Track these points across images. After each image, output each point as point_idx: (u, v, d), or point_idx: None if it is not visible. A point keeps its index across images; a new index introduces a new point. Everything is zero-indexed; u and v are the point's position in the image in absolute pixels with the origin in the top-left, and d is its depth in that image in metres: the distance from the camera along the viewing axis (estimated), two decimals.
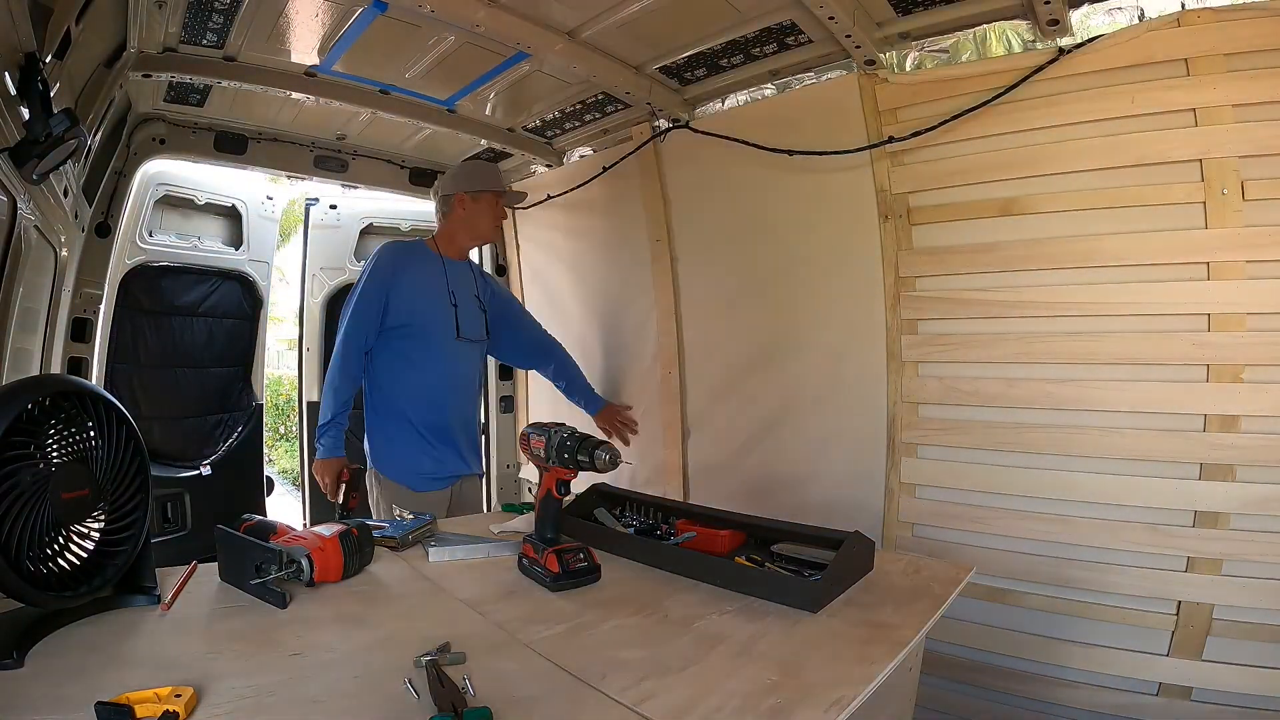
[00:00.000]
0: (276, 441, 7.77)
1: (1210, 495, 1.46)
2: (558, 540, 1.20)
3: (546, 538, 1.19)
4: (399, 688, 0.76)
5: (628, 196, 2.52)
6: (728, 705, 0.75)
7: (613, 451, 1.14)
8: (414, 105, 2.39)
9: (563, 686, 0.80)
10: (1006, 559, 1.69)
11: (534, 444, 1.25)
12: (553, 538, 1.20)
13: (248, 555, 1.03)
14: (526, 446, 1.28)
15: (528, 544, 1.22)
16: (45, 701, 0.69)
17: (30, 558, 0.80)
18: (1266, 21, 1.35)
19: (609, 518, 1.48)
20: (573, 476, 1.21)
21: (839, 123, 1.90)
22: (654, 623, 1.01)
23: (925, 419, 1.85)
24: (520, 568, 1.22)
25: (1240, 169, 1.40)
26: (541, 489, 1.23)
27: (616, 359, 2.71)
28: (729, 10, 1.75)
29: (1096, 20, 1.54)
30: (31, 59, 1.23)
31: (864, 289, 1.93)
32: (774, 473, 2.19)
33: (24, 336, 1.84)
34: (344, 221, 3.61)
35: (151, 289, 3.04)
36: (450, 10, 1.72)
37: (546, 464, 1.22)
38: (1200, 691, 1.48)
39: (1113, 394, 1.57)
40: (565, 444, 1.17)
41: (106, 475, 0.91)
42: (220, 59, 2.03)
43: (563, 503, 1.24)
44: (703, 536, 1.31)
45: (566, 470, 1.19)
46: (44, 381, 0.86)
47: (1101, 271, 1.58)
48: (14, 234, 1.50)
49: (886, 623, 0.99)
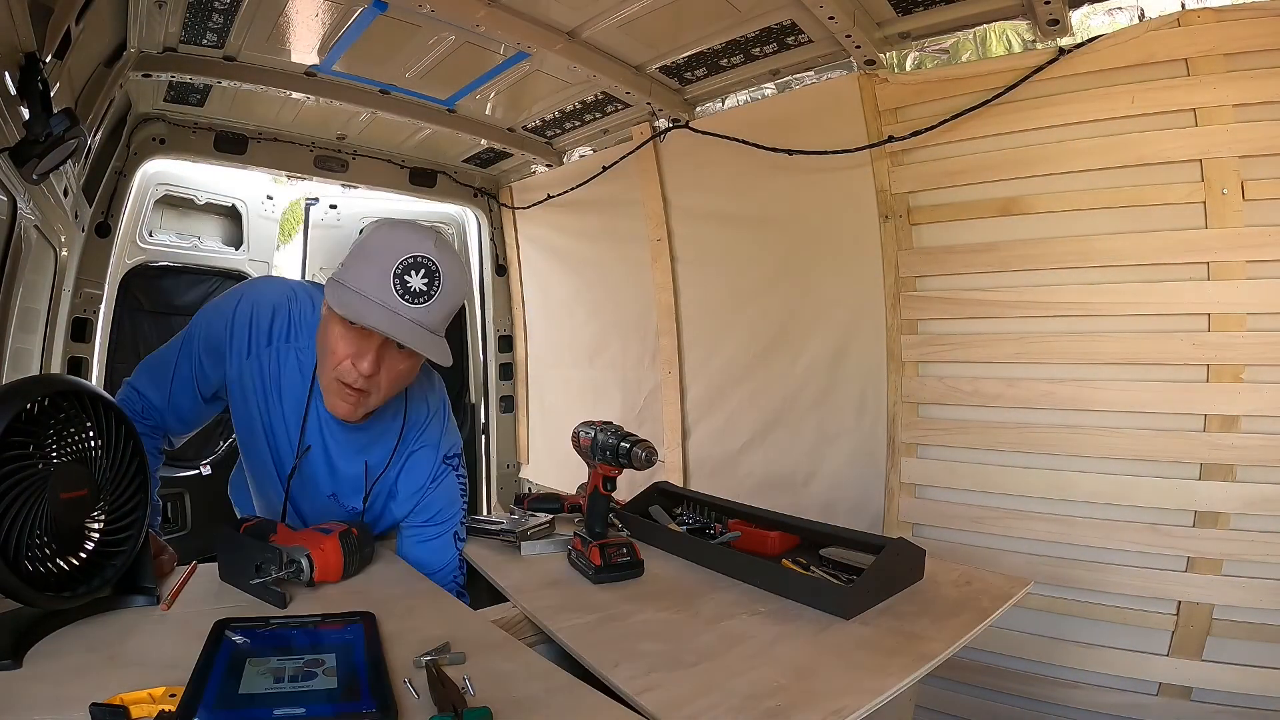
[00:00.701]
0: None
1: (1210, 495, 1.46)
2: (605, 534, 1.24)
3: (595, 531, 1.24)
4: (399, 688, 0.76)
5: (628, 196, 2.52)
6: (725, 704, 0.75)
7: (649, 449, 1.18)
8: (414, 105, 2.40)
9: (564, 686, 0.79)
10: (1006, 559, 1.69)
11: (583, 442, 1.29)
12: (600, 532, 1.24)
13: (248, 555, 1.03)
14: (577, 444, 1.32)
15: (577, 537, 1.26)
16: (44, 702, 0.69)
17: (29, 558, 0.80)
18: (1266, 21, 1.35)
19: (663, 515, 1.48)
20: (618, 473, 1.25)
21: (839, 123, 1.90)
22: (684, 619, 1.00)
23: (925, 419, 1.85)
24: (569, 559, 1.27)
25: (1240, 169, 1.40)
26: (589, 485, 1.28)
27: (616, 359, 2.71)
28: (729, 10, 1.75)
29: (1096, 20, 1.54)
30: (31, 59, 1.23)
31: (864, 289, 1.93)
32: (774, 472, 2.19)
33: (24, 336, 1.84)
34: (344, 221, 3.61)
35: (151, 289, 3.03)
36: (450, 10, 1.72)
37: (594, 461, 1.27)
38: (1200, 691, 1.48)
39: (1112, 394, 1.57)
40: (608, 442, 1.22)
41: (105, 475, 0.91)
42: (220, 59, 2.03)
43: (610, 499, 1.28)
44: (752, 537, 1.31)
45: (610, 467, 1.23)
46: (43, 381, 0.86)
47: (1101, 271, 1.58)
48: (14, 234, 1.49)
49: (920, 634, 0.95)
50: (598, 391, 2.83)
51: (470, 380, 3.66)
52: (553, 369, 3.27)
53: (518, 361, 3.47)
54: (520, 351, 3.46)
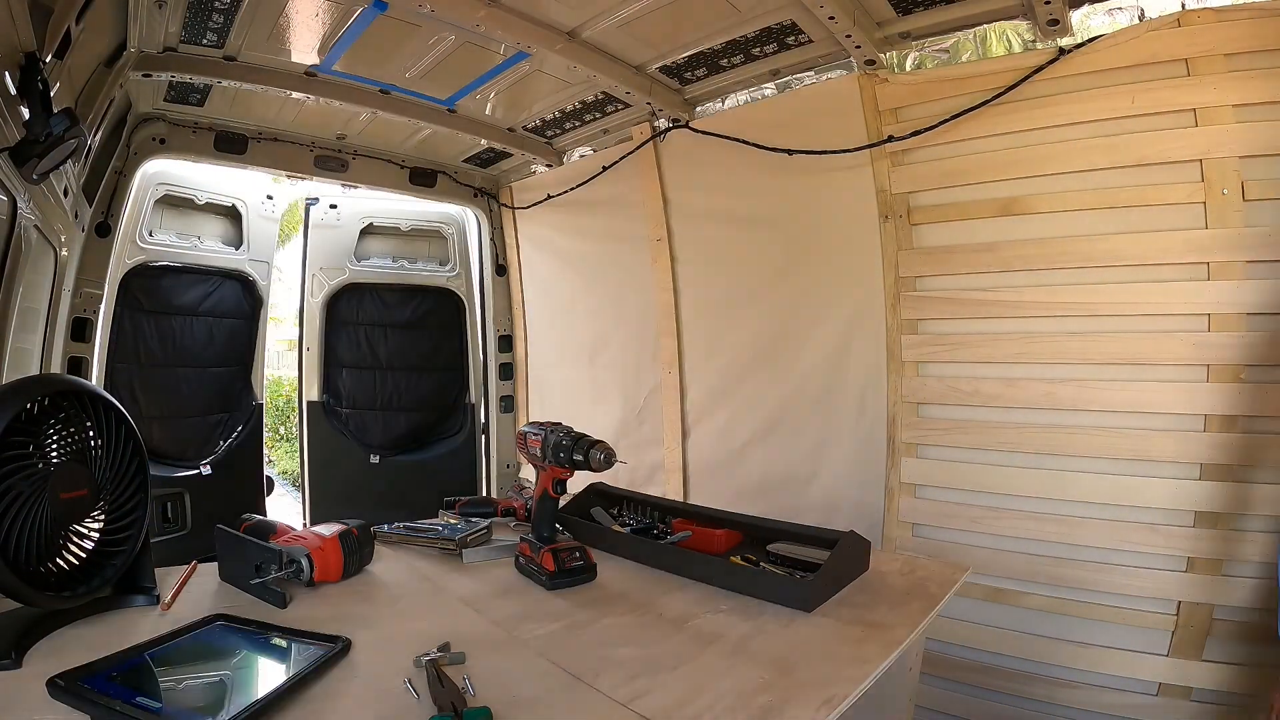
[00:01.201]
0: (276, 442, 7.77)
1: (1210, 495, 1.46)
2: (554, 539, 1.20)
3: (543, 536, 1.20)
4: (399, 688, 0.76)
5: (628, 196, 2.52)
6: (719, 703, 0.75)
7: (607, 451, 1.14)
8: (414, 105, 2.40)
9: (563, 686, 0.80)
10: (1006, 559, 1.69)
11: (530, 443, 1.24)
12: (549, 536, 1.20)
13: (248, 555, 1.03)
14: (524, 446, 1.27)
15: (524, 543, 1.22)
16: (44, 702, 0.69)
17: (29, 558, 0.80)
18: (1266, 21, 1.35)
19: (605, 517, 1.48)
20: (569, 476, 1.20)
21: (839, 123, 1.90)
22: (649, 621, 1.01)
23: (925, 419, 1.85)
24: (517, 566, 1.23)
25: (1240, 169, 1.40)
26: (538, 488, 1.23)
27: (616, 359, 2.71)
28: (729, 10, 1.75)
29: (1096, 20, 1.54)
30: (32, 59, 1.23)
31: (864, 289, 1.93)
32: (774, 472, 2.19)
33: (24, 336, 1.83)
34: (344, 221, 3.61)
35: (151, 289, 3.03)
36: (450, 10, 1.72)
37: (543, 463, 1.22)
38: (1200, 691, 1.48)
39: (1113, 394, 1.57)
40: (561, 443, 1.17)
41: (106, 475, 0.91)
42: (220, 59, 2.03)
43: (559, 502, 1.24)
44: (699, 536, 1.32)
45: (563, 469, 1.19)
46: (43, 381, 0.86)
47: (1101, 271, 1.58)
48: (14, 234, 1.49)
49: (881, 622, 1.00)
50: (598, 391, 2.83)
51: (470, 380, 3.66)
52: (553, 369, 3.28)
53: (518, 361, 3.47)
54: (520, 351, 3.46)
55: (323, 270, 3.63)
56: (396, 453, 3.66)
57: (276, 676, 0.78)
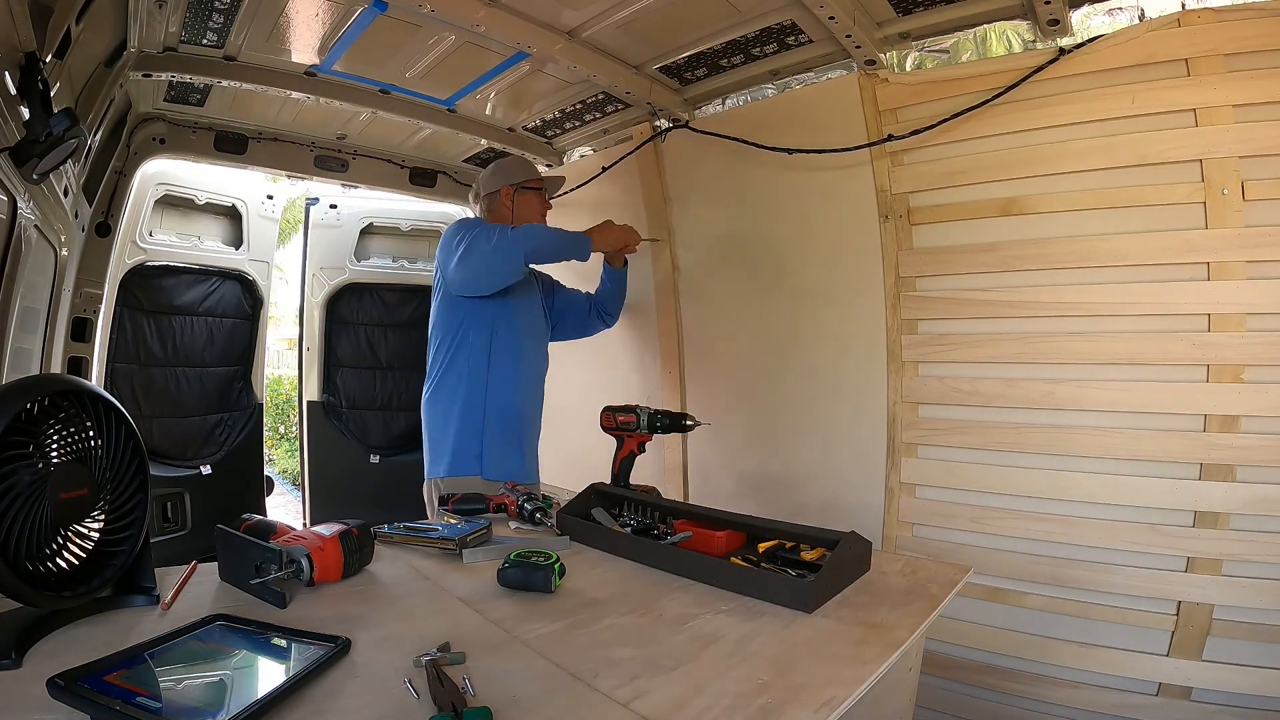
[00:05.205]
0: (277, 441, 7.78)
1: (1210, 495, 1.46)
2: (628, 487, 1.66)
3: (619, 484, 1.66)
4: (399, 688, 0.76)
5: (628, 196, 2.52)
6: (718, 704, 0.75)
7: (694, 420, 1.68)
8: (414, 105, 2.39)
9: (562, 686, 0.80)
10: (1006, 559, 1.70)
11: (621, 419, 1.71)
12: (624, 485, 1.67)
13: (247, 555, 1.03)
14: (613, 420, 1.72)
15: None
16: (44, 702, 0.69)
17: (29, 558, 0.80)
18: (1266, 21, 1.35)
19: (606, 517, 1.48)
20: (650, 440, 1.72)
21: (839, 123, 1.90)
22: (648, 622, 1.00)
23: (925, 419, 1.85)
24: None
25: (1240, 169, 1.40)
26: (624, 449, 1.71)
27: (616, 358, 2.71)
28: (729, 10, 1.75)
29: (1096, 20, 1.54)
30: (31, 58, 1.23)
31: (864, 289, 1.93)
32: (774, 472, 2.19)
33: (24, 336, 1.84)
34: (344, 221, 3.61)
35: (151, 289, 3.04)
36: (450, 10, 1.72)
37: (636, 431, 1.69)
38: (1200, 691, 1.49)
39: (1113, 394, 1.57)
40: (657, 416, 1.69)
41: (106, 475, 0.91)
42: (220, 59, 2.03)
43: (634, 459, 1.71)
44: (699, 537, 1.31)
45: (648, 435, 1.70)
46: (43, 381, 0.85)
47: (1101, 271, 1.58)
48: (14, 234, 1.50)
49: (881, 623, 0.99)
50: (598, 391, 2.82)
51: None
52: (553, 369, 3.27)
53: None
54: None
55: (323, 270, 3.64)
56: (396, 453, 3.66)
57: (276, 676, 0.78)
